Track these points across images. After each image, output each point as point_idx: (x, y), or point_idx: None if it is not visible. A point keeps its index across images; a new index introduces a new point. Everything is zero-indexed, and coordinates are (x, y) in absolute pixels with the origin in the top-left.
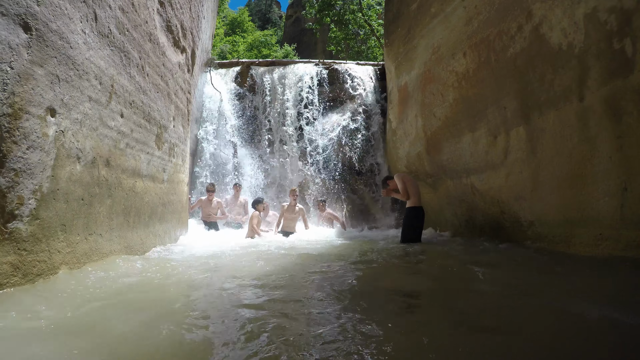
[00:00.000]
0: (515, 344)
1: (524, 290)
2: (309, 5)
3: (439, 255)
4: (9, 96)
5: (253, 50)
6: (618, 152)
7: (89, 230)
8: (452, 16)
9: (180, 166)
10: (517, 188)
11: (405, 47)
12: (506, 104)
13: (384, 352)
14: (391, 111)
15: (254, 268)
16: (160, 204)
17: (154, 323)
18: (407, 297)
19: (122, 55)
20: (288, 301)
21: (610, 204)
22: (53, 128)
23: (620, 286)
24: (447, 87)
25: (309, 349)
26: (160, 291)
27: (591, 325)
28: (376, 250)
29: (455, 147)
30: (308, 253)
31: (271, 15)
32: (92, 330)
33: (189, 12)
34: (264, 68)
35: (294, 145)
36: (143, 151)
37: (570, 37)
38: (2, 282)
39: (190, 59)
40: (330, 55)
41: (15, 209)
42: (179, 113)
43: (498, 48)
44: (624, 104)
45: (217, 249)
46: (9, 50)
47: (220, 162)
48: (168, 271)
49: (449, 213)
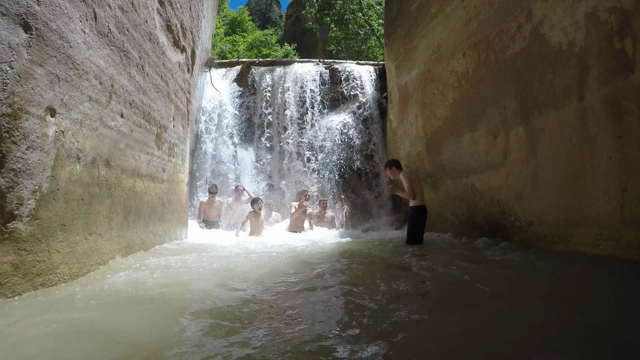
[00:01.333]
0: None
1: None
2: (309, 5)
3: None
4: (9, 96)
5: (253, 49)
6: (618, 152)
7: (89, 230)
8: (451, 16)
9: (180, 166)
10: (517, 188)
11: (406, 47)
12: (506, 104)
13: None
14: (391, 111)
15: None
16: (160, 203)
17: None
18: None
19: (121, 55)
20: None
21: (610, 204)
22: (53, 128)
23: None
24: (447, 87)
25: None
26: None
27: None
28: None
29: (455, 147)
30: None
31: (271, 14)
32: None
33: (189, 12)
34: (264, 68)
35: (294, 145)
36: (143, 151)
37: (571, 37)
38: (2, 281)
39: (190, 59)
40: (330, 55)
41: (15, 209)
42: (178, 113)
43: (498, 48)
44: (625, 103)
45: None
46: (8, 50)
47: (220, 162)
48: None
49: (449, 213)
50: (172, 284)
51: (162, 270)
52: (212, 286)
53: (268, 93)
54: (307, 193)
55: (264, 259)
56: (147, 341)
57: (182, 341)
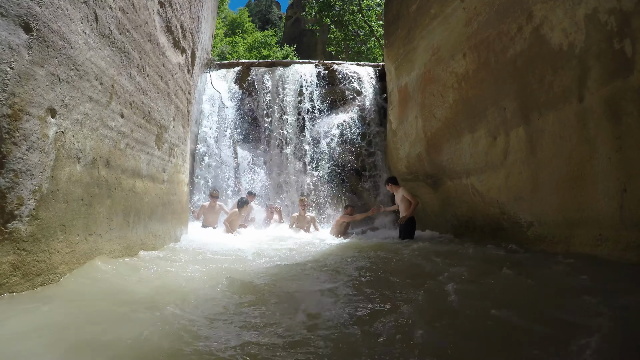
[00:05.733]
0: None
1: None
2: (308, 6)
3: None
4: (9, 97)
5: (253, 51)
6: (617, 152)
7: (89, 231)
8: (451, 17)
9: (180, 166)
10: (517, 189)
11: (405, 48)
12: (506, 105)
13: None
14: (391, 112)
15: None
16: (160, 204)
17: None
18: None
19: (122, 56)
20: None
21: (610, 204)
22: (53, 129)
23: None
24: (447, 88)
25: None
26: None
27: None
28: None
29: (455, 148)
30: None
31: (271, 16)
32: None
33: (189, 13)
34: (264, 69)
35: (294, 146)
36: (143, 151)
37: (571, 38)
38: (2, 282)
39: (190, 60)
40: (330, 56)
41: (15, 210)
42: (179, 113)
43: (498, 49)
44: (624, 104)
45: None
46: (9, 51)
47: (219, 163)
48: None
49: (449, 214)
50: (161, 285)
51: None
52: (210, 285)
53: (268, 94)
54: (304, 202)
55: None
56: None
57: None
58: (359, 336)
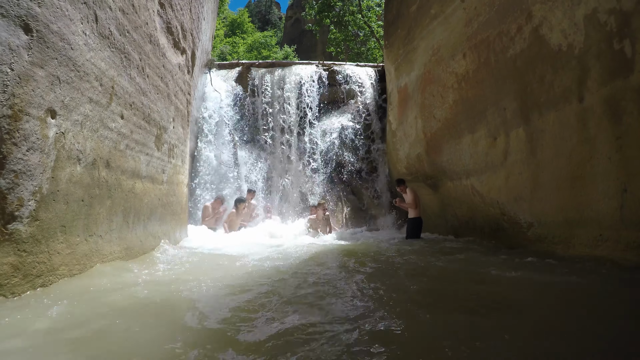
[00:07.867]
0: None
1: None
2: (308, 7)
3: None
4: (9, 98)
5: (253, 51)
6: (617, 152)
7: (89, 232)
8: (451, 17)
9: (179, 167)
10: (517, 189)
11: (405, 49)
12: (506, 105)
13: None
14: (391, 112)
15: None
16: (160, 205)
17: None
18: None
19: (122, 57)
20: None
21: (610, 204)
22: (53, 130)
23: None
24: (447, 89)
25: None
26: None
27: None
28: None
29: (455, 149)
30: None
31: (271, 16)
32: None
33: (189, 14)
34: (264, 69)
35: (294, 146)
36: (143, 152)
37: (570, 38)
38: (3, 283)
39: (190, 61)
40: (330, 57)
41: (15, 210)
42: (178, 114)
43: (498, 49)
44: (624, 104)
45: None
46: (9, 52)
47: (219, 163)
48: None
49: (449, 214)
50: (156, 289)
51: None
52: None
53: (268, 95)
54: (325, 206)
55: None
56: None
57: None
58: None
